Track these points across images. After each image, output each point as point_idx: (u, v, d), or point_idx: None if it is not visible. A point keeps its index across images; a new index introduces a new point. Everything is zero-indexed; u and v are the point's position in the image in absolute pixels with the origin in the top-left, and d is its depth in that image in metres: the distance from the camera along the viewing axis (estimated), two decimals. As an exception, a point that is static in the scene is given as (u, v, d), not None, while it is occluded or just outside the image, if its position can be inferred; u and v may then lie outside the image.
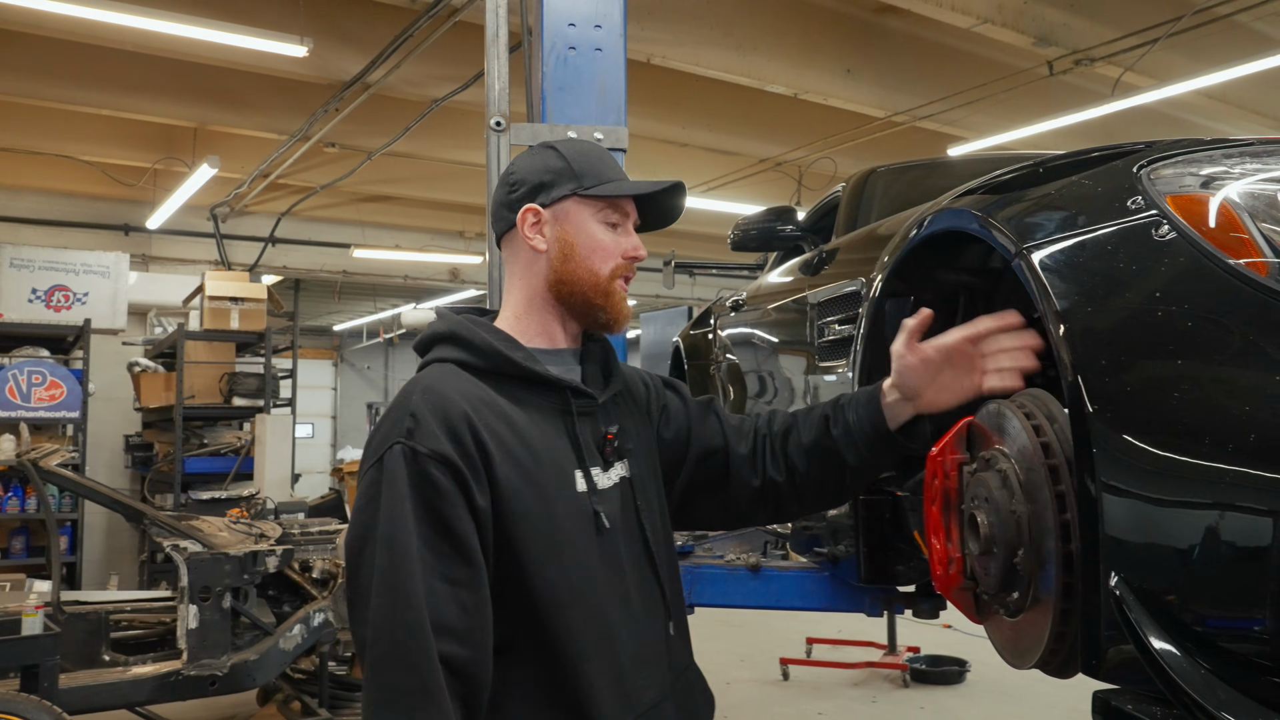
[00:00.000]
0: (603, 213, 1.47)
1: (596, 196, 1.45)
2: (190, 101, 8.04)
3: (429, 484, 1.24)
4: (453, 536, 1.24)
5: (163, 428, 8.95)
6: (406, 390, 1.36)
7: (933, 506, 1.75)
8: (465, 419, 1.29)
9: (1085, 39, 7.05)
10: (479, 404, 1.32)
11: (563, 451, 1.39)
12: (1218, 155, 1.31)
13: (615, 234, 1.48)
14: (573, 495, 1.37)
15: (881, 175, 3.24)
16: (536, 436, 1.36)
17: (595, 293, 1.46)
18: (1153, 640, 1.12)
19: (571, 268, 1.45)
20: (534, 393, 1.41)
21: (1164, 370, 1.19)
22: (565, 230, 1.46)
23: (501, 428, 1.32)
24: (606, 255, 1.46)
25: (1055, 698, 5.24)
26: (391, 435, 1.28)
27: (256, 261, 11.73)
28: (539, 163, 1.49)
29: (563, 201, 1.46)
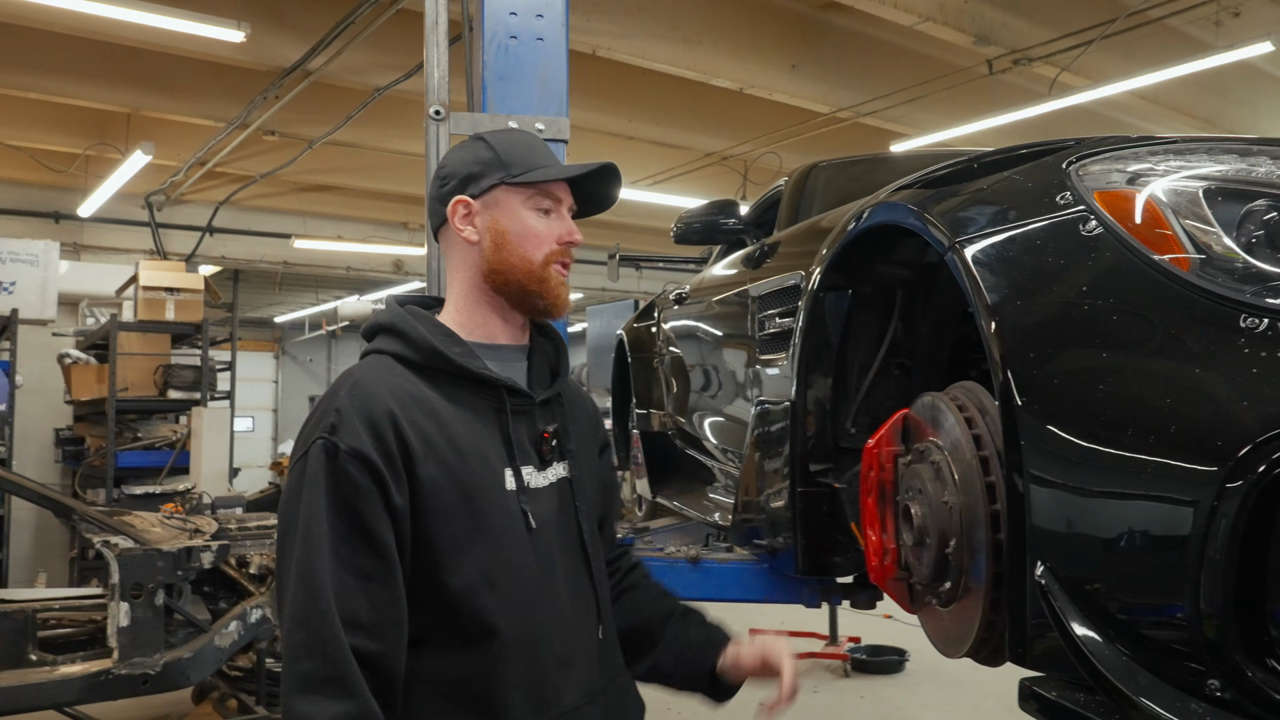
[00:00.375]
0: (533, 199, 1.46)
1: (525, 183, 1.45)
2: (123, 86, 7.82)
3: (346, 481, 1.25)
4: (367, 533, 1.25)
5: (95, 421, 8.70)
6: (337, 384, 1.36)
7: (869, 498, 1.77)
8: (389, 417, 1.29)
9: (1024, 39, 7.18)
10: (407, 400, 1.33)
11: (493, 449, 1.38)
12: (1143, 152, 1.33)
13: (548, 220, 1.47)
14: (500, 493, 1.37)
15: (824, 170, 3.27)
16: (465, 434, 1.36)
17: (530, 280, 1.44)
18: (1075, 628, 1.14)
19: (504, 256, 1.44)
20: (468, 390, 1.40)
21: (1089, 363, 1.21)
22: (496, 219, 1.45)
23: (428, 424, 1.32)
24: (539, 241, 1.45)
25: (991, 686, 5.34)
26: (316, 430, 1.29)
27: (193, 251, 11.46)
28: (468, 155, 1.48)
29: (492, 191, 1.45)
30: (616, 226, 12.27)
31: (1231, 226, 1.20)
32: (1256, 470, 1.05)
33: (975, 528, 1.43)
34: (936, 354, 2.08)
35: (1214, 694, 1.07)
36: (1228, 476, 1.06)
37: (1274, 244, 1.18)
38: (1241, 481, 1.06)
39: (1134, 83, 7.06)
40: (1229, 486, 1.06)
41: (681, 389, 3.71)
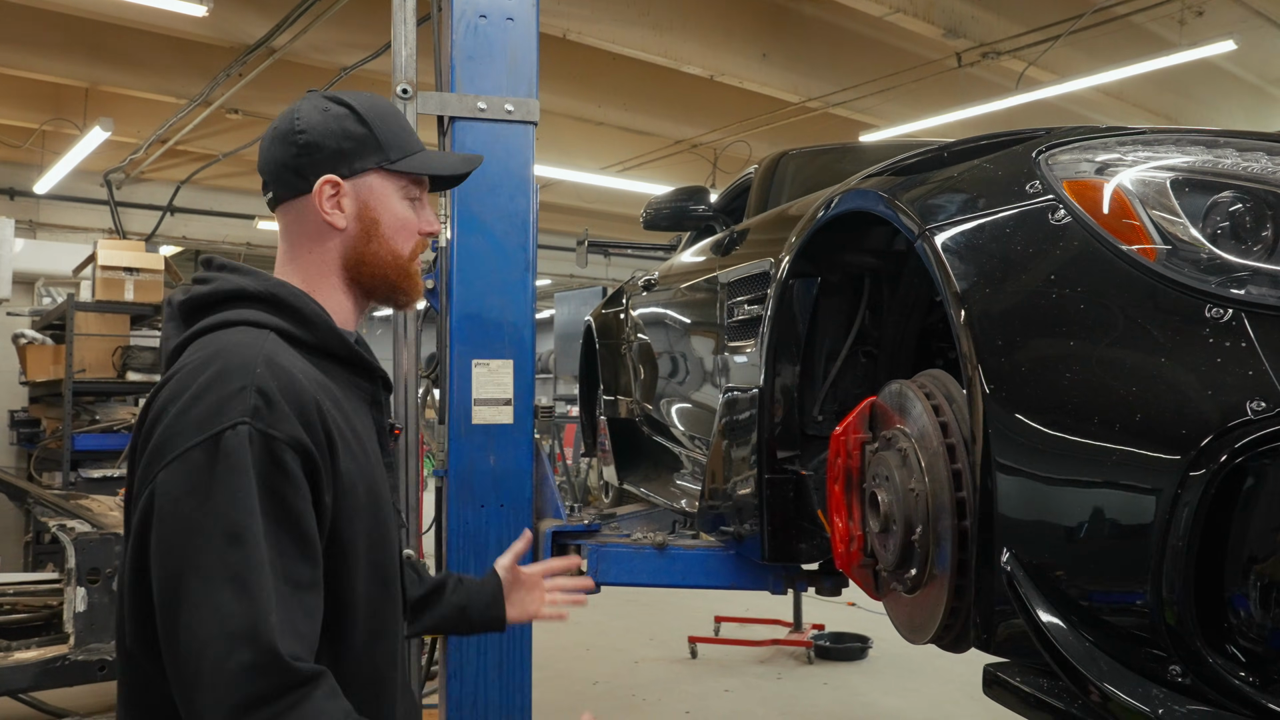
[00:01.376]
0: (406, 189, 1.35)
1: (402, 171, 1.33)
2: (81, 60, 7.65)
3: (280, 472, 1.06)
4: (301, 534, 1.07)
5: (50, 402, 8.54)
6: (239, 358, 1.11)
7: (835, 485, 1.77)
8: (315, 404, 1.13)
9: (992, 32, 7.24)
10: (318, 386, 1.16)
11: (373, 444, 1.28)
12: (1112, 143, 1.34)
13: (414, 209, 1.36)
14: (385, 490, 1.28)
15: (793, 158, 3.26)
16: (361, 427, 1.25)
17: (398, 274, 1.34)
18: (1040, 614, 1.15)
19: (374, 248, 1.31)
20: (353, 377, 1.29)
21: (1056, 352, 1.22)
22: (368, 207, 1.31)
23: (337, 415, 1.18)
24: (409, 233, 1.34)
25: (952, 672, 5.41)
26: (229, 412, 1.06)
27: (154, 231, 11.28)
28: (336, 126, 1.30)
29: (365, 175, 1.31)
30: (585, 213, 12.24)
31: (1198, 217, 1.21)
32: (1218, 459, 1.06)
33: (941, 515, 1.44)
34: (904, 342, 2.09)
35: (1175, 679, 1.08)
36: (1190, 465, 1.07)
37: (1239, 235, 1.19)
38: (1204, 470, 1.07)
39: (1099, 78, 7.14)
40: (1191, 475, 1.07)
41: (649, 376, 3.71)
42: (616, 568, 2.57)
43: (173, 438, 1.06)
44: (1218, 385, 1.09)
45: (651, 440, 3.87)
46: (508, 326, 2.55)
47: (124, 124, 8.74)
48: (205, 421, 1.05)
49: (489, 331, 2.52)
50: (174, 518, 1.04)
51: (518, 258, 2.57)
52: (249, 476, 1.04)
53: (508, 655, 2.54)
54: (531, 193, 2.58)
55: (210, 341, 1.16)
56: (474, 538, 2.54)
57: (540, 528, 2.64)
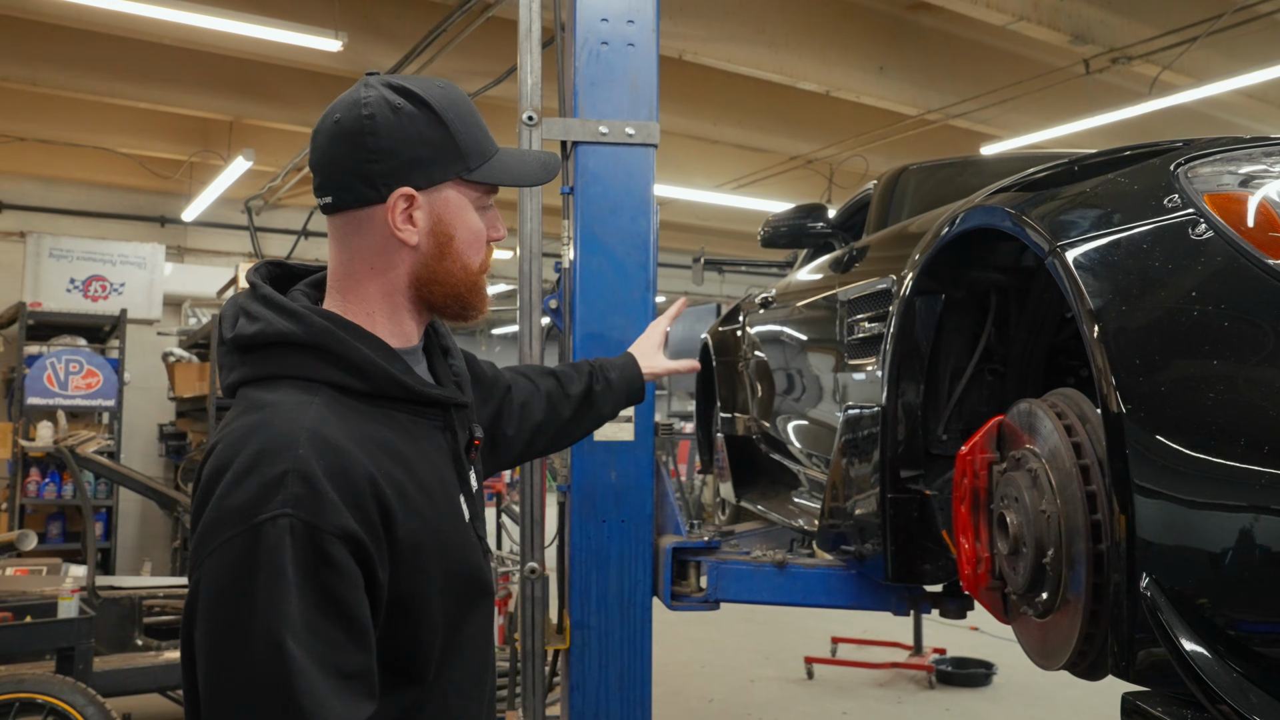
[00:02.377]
0: (481, 198, 1.22)
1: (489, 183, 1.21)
2: (226, 95, 8.14)
3: (329, 567, 0.98)
4: (350, 623, 1.00)
5: (196, 417, 9.06)
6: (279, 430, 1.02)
7: (961, 505, 1.74)
8: (368, 480, 1.04)
9: (1122, 37, 6.97)
10: (373, 449, 1.07)
11: (449, 476, 1.20)
12: (1256, 153, 1.29)
13: (485, 217, 1.24)
14: (462, 526, 1.20)
15: (913, 173, 3.22)
16: (427, 470, 1.15)
17: (468, 289, 1.22)
18: (1184, 642, 1.11)
19: (447, 266, 1.19)
20: (415, 412, 1.18)
21: (1198, 371, 1.18)
22: (443, 222, 1.18)
23: (398, 473, 1.09)
24: (479, 245, 1.22)
25: (1083, 703, 5.19)
26: (270, 501, 0.97)
27: (289, 254, 11.84)
28: (412, 130, 1.15)
29: (443, 186, 1.18)
30: (700, 230, 12.29)
31: (1352, 230, 1.16)
32: (1379, 484, 1.01)
33: (1074, 538, 1.40)
34: (1032, 360, 2.04)
35: (1331, 715, 1.03)
36: (1347, 490, 1.03)
37: (1399, 248, 1.13)
38: (1362, 495, 1.02)
39: (1240, 81, 6.78)
40: (1348, 500, 1.02)
41: (766, 393, 3.70)
42: (737, 585, 2.58)
43: (215, 524, 0.99)
44: (1377, 406, 1.04)
45: (769, 458, 3.86)
46: (630, 345, 2.60)
47: (264, 154, 9.24)
48: (246, 510, 0.98)
49: (611, 350, 2.57)
50: (216, 616, 0.98)
51: (638, 277, 2.62)
52: (289, 572, 0.96)
53: (628, 669, 2.58)
54: (652, 214, 2.62)
55: (257, 402, 1.08)
56: (596, 552, 2.59)
57: (660, 544, 2.67)
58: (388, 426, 1.13)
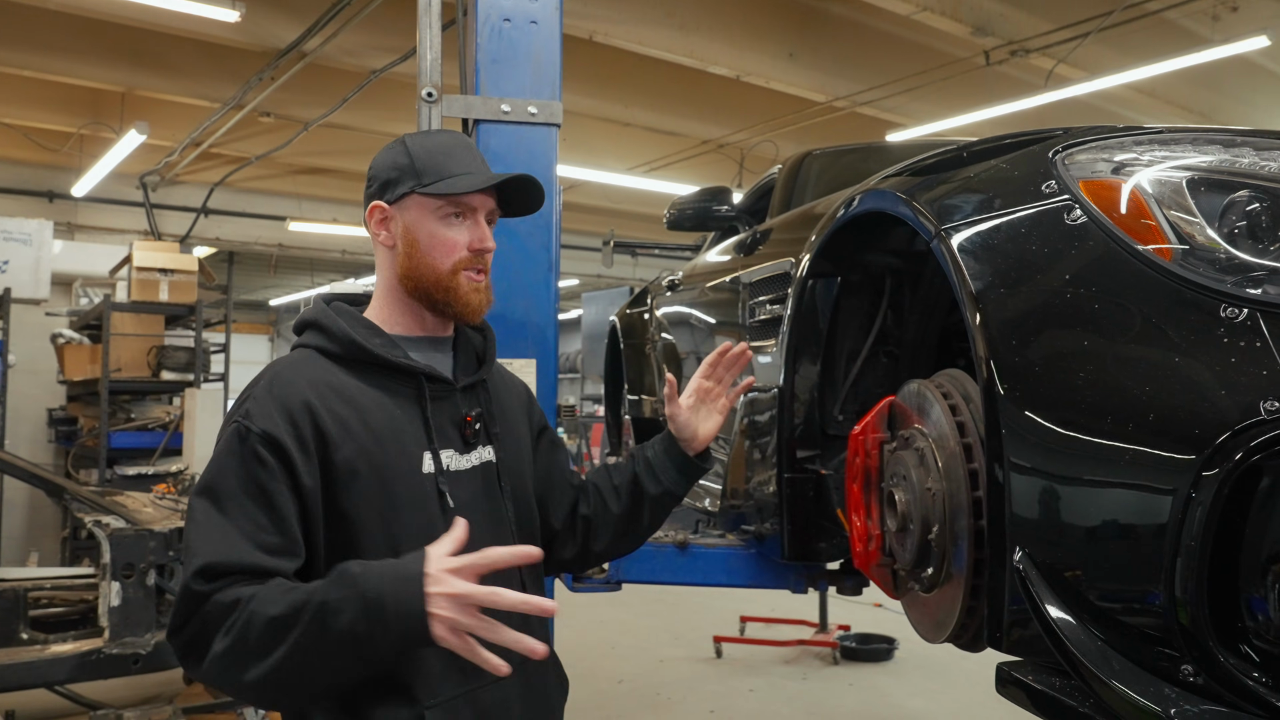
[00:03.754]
0: (443, 208, 1.49)
1: (435, 194, 1.48)
2: (118, 65, 7.78)
3: (254, 459, 1.32)
4: (269, 506, 1.30)
5: (88, 401, 8.69)
6: (263, 374, 1.44)
7: (854, 484, 1.78)
8: (305, 406, 1.36)
9: (1021, 30, 7.17)
10: (326, 389, 1.39)
11: (412, 434, 1.44)
12: (1129, 142, 1.34)
13: (458, 227, 1.50)
14: (416, 476, 1.42)
15: (817, 158, 3.27)
16: (384, 420, 1.42)
17: (437, 288, 1.49)
18: (1052, 612, 1.16)
19: (414, 264, 1.49)
20: (389, 378, 1.46)
21: (1071, 351, 1.22)
22: (408, 227, 1.50)
23: (346, 411, 1.39)
24: (448, 250, 1.49)
25: (978, 674, 5.38)
26: (233, 416, 1.37)
27: (188, 233, 11.44)
28: (389, 159, 1.52)
29: (404, 199, 1.49)
30: (612, 213, 12.27)
31: (1214, 217, 1.21)
32: (1233, 458, 1.06)
33: (958, 514, 1.44)
34: (924, 342, 2.09)
35: (1187, 679, 1.08)
36: (1204, 465, 1.07)
37: (1255, 235, 1.19)
38: (1218, 470, 1.07)
39: (1130, 75, 7.06)
40: (1205, 475, 1.07)
41: (674, 375, 3.72)
42: (638, 566, 2.58)
43: None
44: (1232, 385, 1.09)
45: (676, 440, 3.88)
46: (531, 327, 2.57)
47: (159, 128, 8.89)
48: (224, 425, 1.39)
49: (513, 332, 2.55)
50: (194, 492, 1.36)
51: (541, 259, 2.59)
52: (232, 461, 1.32)
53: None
54: (554, 194, 2.60)
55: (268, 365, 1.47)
56: (498, 535, 2.56)
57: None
58: (358, 379, 1.43)
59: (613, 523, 1.73)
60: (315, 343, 1.47)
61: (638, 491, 1.72)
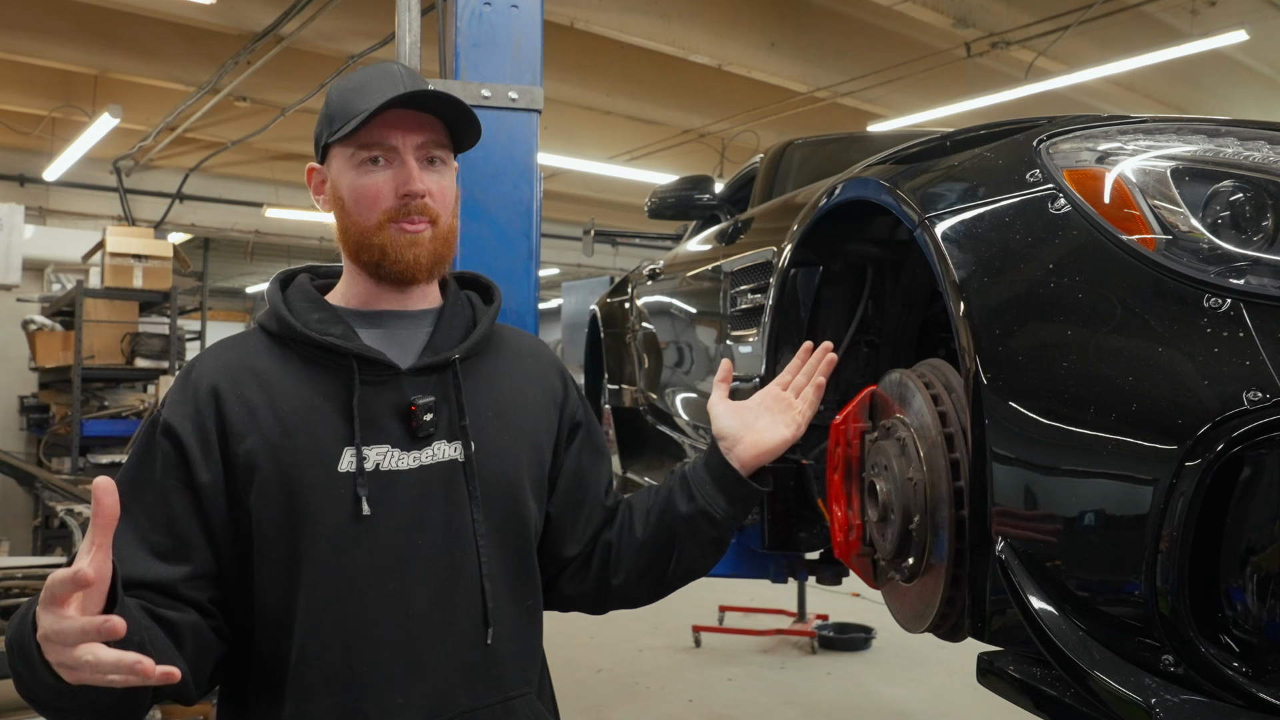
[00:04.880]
0: (357, 154, 1.29)
1: (345, 137, 1.28)
2: (91, 47, 7.67)
3: (155, 450, 1.23)
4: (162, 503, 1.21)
5: (60, 389, 8.60)
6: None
7: (834, 474, 1.77)
8: (212, 393, 1.24)
9: (1001, 22, 7.20)
10: (242, 372, 1.26)
11: (330, 425, 1.25)
12: (1113, 131, 1.33)
13: (379, 172, 1.29)
14: (327, 474, 1.23)
15: (799, 147, 3.26)
16: (298, 408, 1.25)
17: (366, 247, 1.30)
18: (1033, 602, 1.15)
19: (345, 225, 1.32)
20: (320, 361, 1.28)
21: (1054, 341, 1.22)
22: (335, 185, 1.33)
23: (258, 398, 1.24)
24: (373, 200, 1.29)
25: (954, 663, 5.42)
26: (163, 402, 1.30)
27: (163, 218, 11.31)
28: (321, 115, 1.35)
29: (328, 153, 1.33)
30: (593, 202, 12.24)
31: (1198, 207, 1.20)
32: (1215, 449, 1.06)
33: (939, 504, 1.44)
34: (906, 332, 2.08)
35: (1167, 669, 1.08)
36: (1186, 455, 1.07)
37: (1239, 225, 1.19)
38: (1199, 460, 1.06)
39: (1109, 69, 7.10)
40: (1187, 465, 1.07)
41: (653, 365, 3.71)
42: (618, 556, 2.57)
43: None
44: (1215, 375, 1.09)
45: (655, 429, 3.88)
46: (511, 315, 2.55)
47: (133, 111, 8.77)
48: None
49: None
50: None
51: (521, 246, 2.57)
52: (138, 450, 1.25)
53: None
54: (535, 180, 2.58)
55: None
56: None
57: (542, 515, 2.64)
58: (283, 363, 1.28)
59: (634, 551, 1.44)
60: (261, 319, 1.34)
61: (668, 511, 1.43)
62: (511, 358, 1.43)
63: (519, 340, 1.50)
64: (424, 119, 1.31)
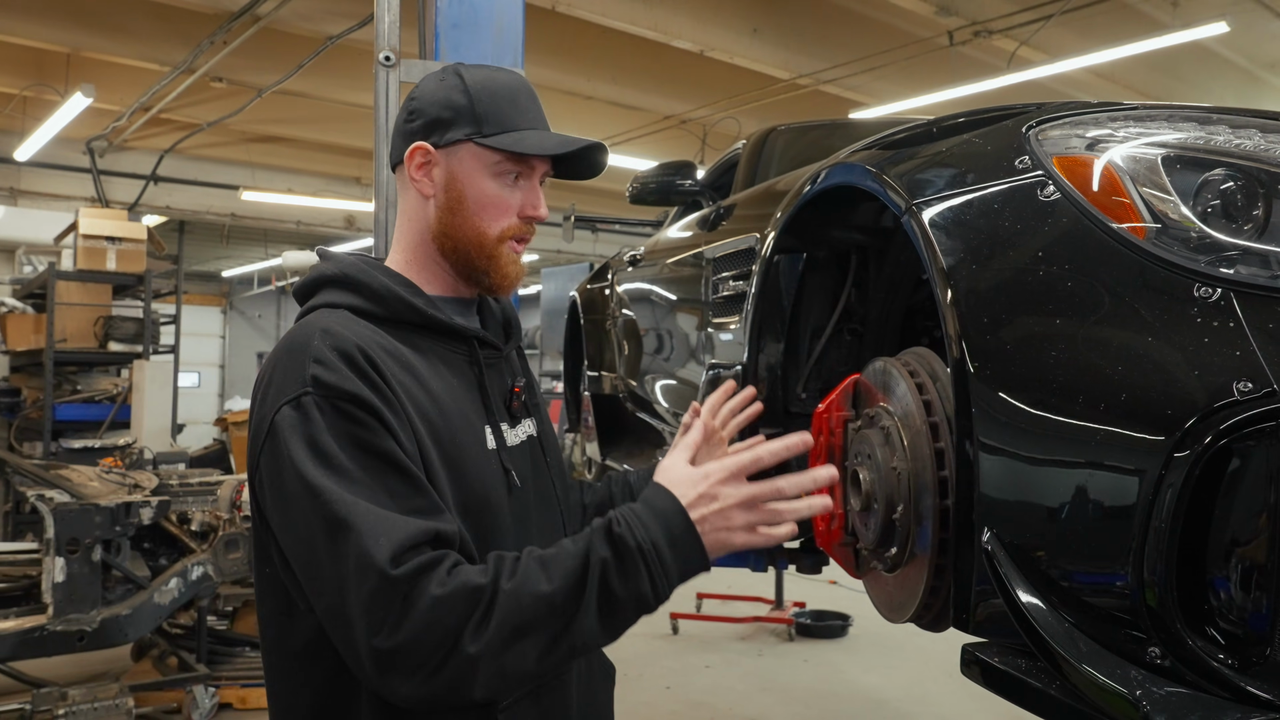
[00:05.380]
0: (502, 164, 1.30)
1: (499, 149, 1.29)
2: (62, 25, 7.53)
3: (350, 421, 1.12)
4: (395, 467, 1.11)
5: (32, 372, 8.47)
6: (301, 336, 1.19)
7: (817, 463, 1.75)
8: (372, 364, 1.16)
9: (984, 11, 7.19)
10: (381, 352, 1.19)
11: (471, 406, 1.28)
12: (1103, 118, 1.32)
13: (513, 189, 1.32)
14: (483, 453, 1.26)
15: (782, 134, 3.23)
16: (443, 389, 1.24)
17: (479, 254, 1.31)
18: (1020, 594, 1.14)
19: (458, 222, 1.30)
20: (438, 342, 1.29)
21: (1042, 330, 1.20)
22: (455, 178, 1.30)
23: (406, 379, 1.20)
24: (498, 213, 1.31)
25: (932, 651, 5.44)
26: (289, 389, 1.13)
27: (137, 200, 11.15)
28: (441, 94, 1.31)
29: (457, 146, 1.30)
30: (572, 188, 12.16)
31: (1189, 195, 1.19)
32: (1203, 441, 1.05)
33: (923, 494, 1.42)
34: (889, 320, 2.07)
35: (1153, 661, 1.07)
36: (1175, 446, 1.06)
37: (1229, 214, 1.17)
38: (1188, 452, 1.05)
39: (1090, 59, 7.12)
40: (1176, 456, 1.06)
41: (633, 352, 3.68)
42: (598, 544, 2.55)
43: (261, 420, 1.16)
44: (1204, 366, 1.08)
45: (635, 416, 3.86)
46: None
47: (107, 91, 8.62)
48: (279, 396, 1.14)
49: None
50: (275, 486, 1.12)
51: (501, 230, 2.54)
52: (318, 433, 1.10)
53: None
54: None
55: (294, 327, 1.26)
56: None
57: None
58: (404, 345, 1.24)
59: None
60: (347, 301, 1.26)
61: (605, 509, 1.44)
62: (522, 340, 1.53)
63: None
64: None
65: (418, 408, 1.18)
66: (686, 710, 4.77)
